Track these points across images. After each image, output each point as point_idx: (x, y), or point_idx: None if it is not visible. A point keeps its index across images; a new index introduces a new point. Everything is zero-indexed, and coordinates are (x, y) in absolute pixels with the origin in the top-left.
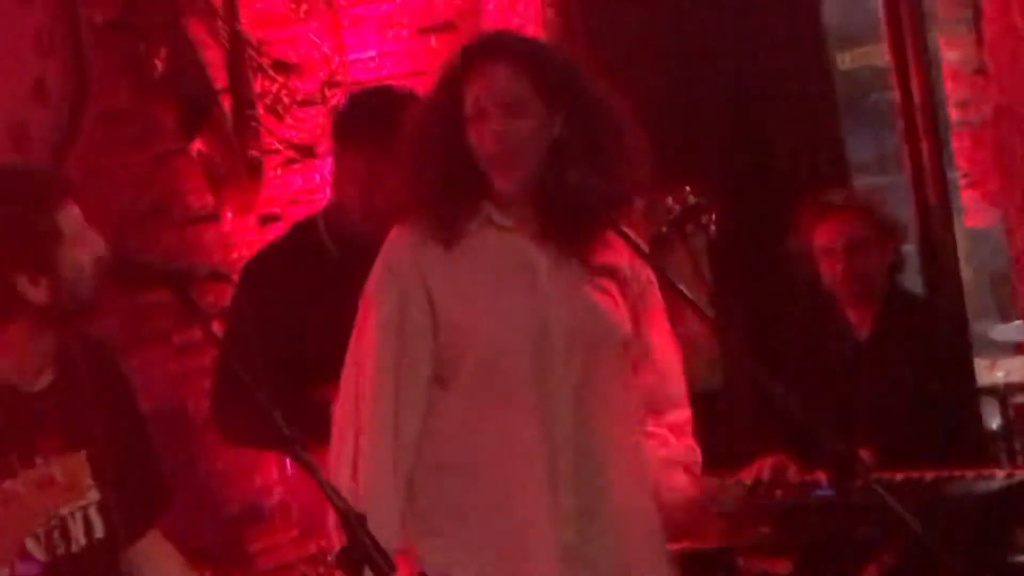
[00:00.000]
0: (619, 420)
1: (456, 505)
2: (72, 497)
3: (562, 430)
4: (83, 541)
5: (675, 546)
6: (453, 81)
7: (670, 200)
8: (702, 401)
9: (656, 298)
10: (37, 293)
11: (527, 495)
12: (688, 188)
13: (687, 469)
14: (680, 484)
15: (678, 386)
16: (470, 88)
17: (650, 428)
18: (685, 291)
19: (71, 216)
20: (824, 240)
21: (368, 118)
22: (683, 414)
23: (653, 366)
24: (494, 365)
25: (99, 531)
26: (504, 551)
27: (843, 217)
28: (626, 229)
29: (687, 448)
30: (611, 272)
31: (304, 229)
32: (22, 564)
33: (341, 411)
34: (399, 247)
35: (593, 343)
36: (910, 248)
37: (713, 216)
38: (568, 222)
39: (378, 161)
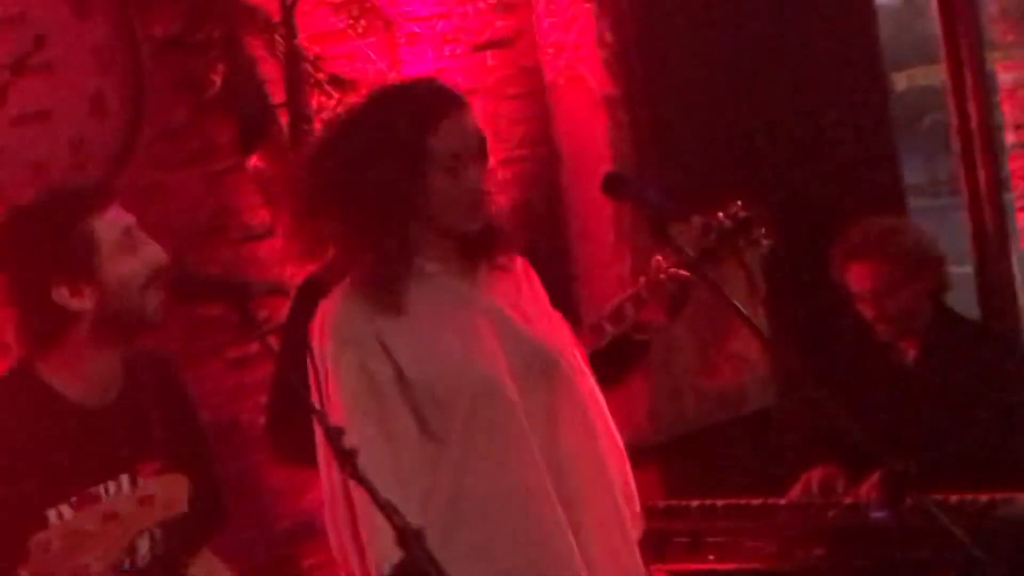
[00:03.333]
0: (586, 428)
1: (482, 548)
2: (168, 513)
3: (543, 451)
4: (148, 557)
5: (724, 566)
6: None
7: (721, 215)
8: (755, 418)
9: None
10: (81, 303)
11: (551, 527)
12: (739, 202)
13: None
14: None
15: None
16: None
17: None
18: (740, 308)
19: (112, 225)
20: (853, 286)
21: None
22: None
23: None
24: (487, 407)
25: (160, 548)
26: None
27: (867, 264)
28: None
29: None
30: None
31: None
32: None
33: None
34: (349, 319)
35: (547, 362)
36: (965, 272)
37: (764, 230)
38: (471, 247)
39: None
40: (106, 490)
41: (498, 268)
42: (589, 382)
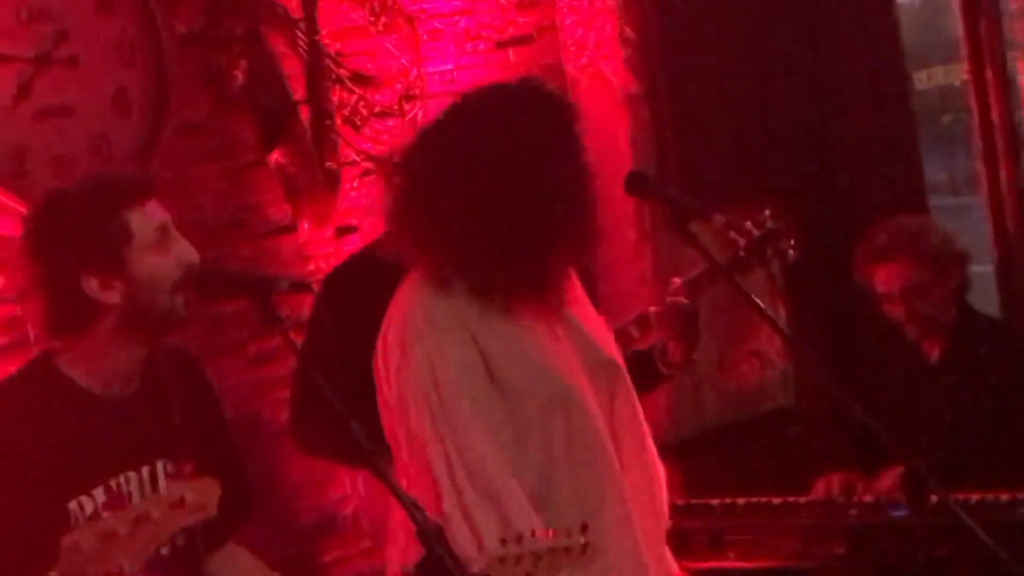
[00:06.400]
0: (640, 433)
1: None
2: (199, 516)
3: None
4: (167, 548)
5: (745, 565)
6: None
7: (748, 224)
8: (775, 418)
9: None
10: (111, 296)
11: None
12: (767, 212)
13: None
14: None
15: None
16: None
17: None
18: (764, 308)
19: (147, 219)
20: (881, 287)
21: None
22: None
23: None
24: (565, 415)
25: (181, 539)
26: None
27: (897, 264)
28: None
29: None
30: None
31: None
32: None
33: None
34: (446, 316)
35: (612, 369)
36: (985, 271)
37: (792, 241)
38: None
39: None
40: (127, 480)
41: None
42: None
